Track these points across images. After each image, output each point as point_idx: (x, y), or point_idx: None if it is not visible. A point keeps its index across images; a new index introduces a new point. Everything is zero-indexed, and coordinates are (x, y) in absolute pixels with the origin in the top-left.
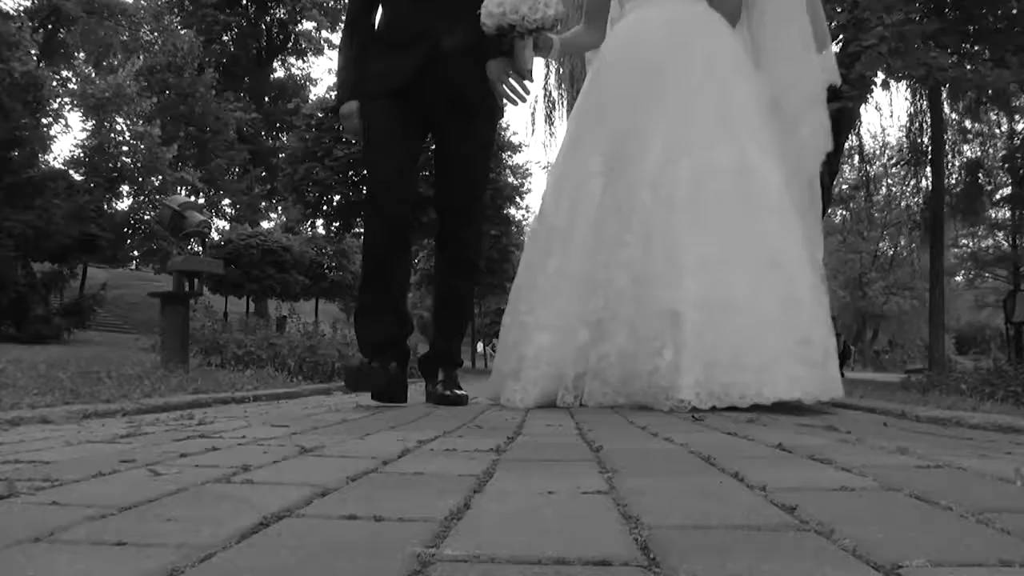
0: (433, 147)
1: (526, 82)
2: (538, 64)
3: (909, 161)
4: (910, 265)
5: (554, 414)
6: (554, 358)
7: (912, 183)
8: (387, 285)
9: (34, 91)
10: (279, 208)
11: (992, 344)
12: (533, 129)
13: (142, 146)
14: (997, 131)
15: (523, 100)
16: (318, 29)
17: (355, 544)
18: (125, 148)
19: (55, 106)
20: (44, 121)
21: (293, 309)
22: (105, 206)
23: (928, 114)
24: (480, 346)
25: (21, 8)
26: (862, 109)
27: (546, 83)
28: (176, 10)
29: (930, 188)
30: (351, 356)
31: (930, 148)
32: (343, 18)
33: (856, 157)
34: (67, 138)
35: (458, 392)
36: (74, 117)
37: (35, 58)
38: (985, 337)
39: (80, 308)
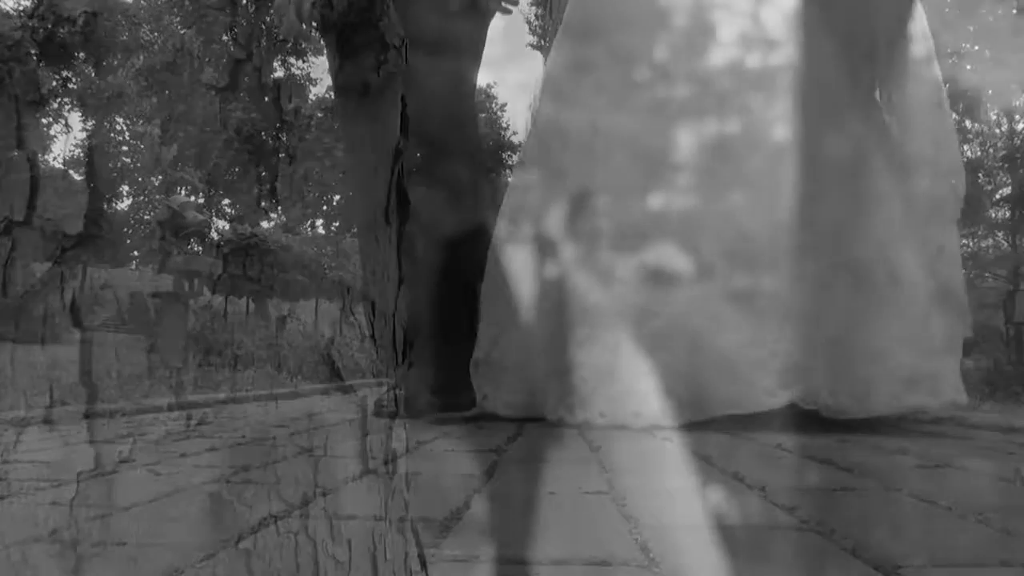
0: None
1: None
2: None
3: None
4: None
5: None
6: None
7: None
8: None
9: (34, 91)
10: (279, 208)
11: (999, 343)
12: None
13: (142, 146)
14: (997, 131)
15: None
16: None
17: (355, 544)
18: (125, 148)
19: (55, 106)
20: (44, 121)
21: (293, 309)
22: (105, 206)
23: None
24: None
25: (21, 8)
26: None
27: None
28: (176, 10)
29: None
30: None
31: None
32: None
33: None
34: (67, 138)
35: None
36: (74, 117)
37: (35, 58)
38: (985, 337)
39: (80, 308)
